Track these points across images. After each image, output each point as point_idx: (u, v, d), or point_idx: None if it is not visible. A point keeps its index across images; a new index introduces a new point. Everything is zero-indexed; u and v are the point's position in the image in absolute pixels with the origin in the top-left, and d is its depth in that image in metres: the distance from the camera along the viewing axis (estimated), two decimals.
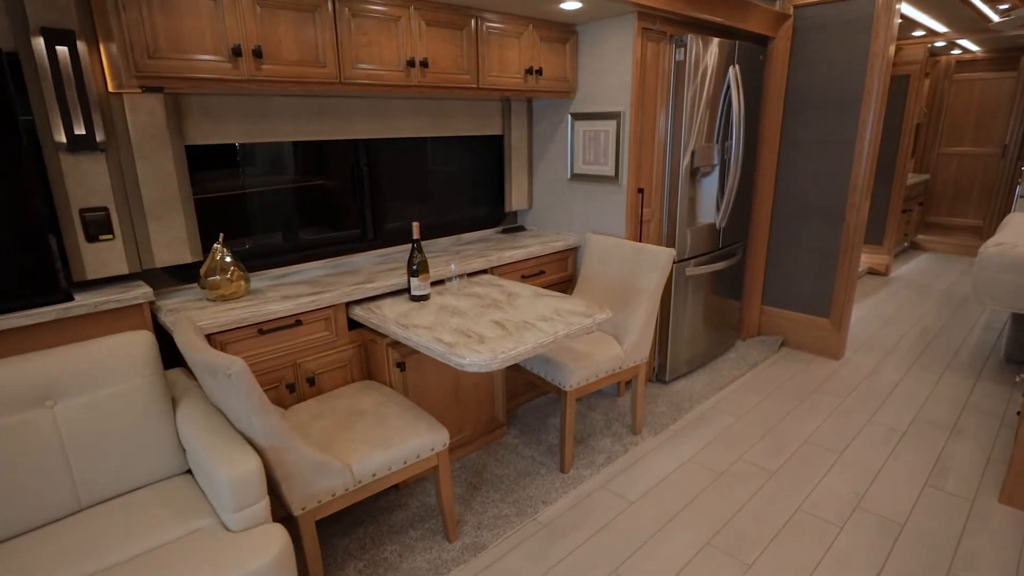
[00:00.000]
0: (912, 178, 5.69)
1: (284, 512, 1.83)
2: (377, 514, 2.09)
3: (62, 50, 1.61)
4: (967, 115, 5.82)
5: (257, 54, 1.75)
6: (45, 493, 1.40)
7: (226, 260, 1.95)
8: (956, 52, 5.67)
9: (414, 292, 2.13)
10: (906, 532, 1.99)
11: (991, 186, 5.83)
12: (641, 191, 2.74)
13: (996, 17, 4.16)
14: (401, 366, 2.08)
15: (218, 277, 1.92)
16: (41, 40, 1.56)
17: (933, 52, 5.61)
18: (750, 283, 3.65)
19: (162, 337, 1.81)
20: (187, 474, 1.62)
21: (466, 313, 1.99)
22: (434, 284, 2.32)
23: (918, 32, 4.68)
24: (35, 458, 1.39)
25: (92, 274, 1.79)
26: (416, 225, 2.09)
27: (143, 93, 1.79)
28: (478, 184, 3.05)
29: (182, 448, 1.60)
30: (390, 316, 1.98)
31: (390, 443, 1.71)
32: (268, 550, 1.29)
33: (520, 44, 2.49)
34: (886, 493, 2.19)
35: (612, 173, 2.71)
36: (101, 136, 1.72)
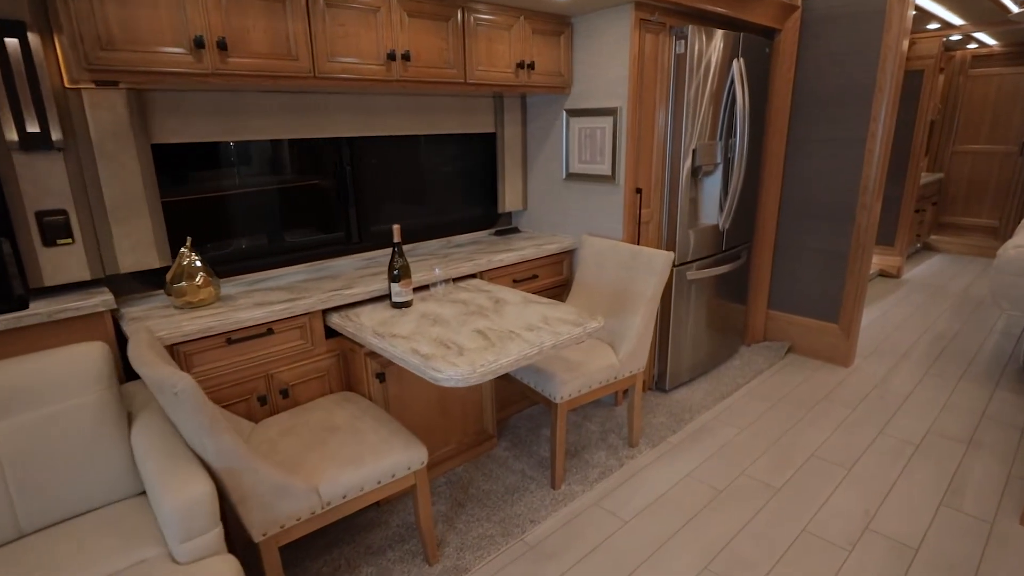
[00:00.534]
0: (925, 177, 5.51)
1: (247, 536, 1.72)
2: (355, 533, 1.98)
3: (12, 42, 1.51)
4: (983, 112, 5.63)
5: (222, 46, 1.64)
6: None
7: (195, 265, 1.84)
8: (972, 46, 5.48)
9: (395, 299, 2.01)
10: (920, 557, 1.85)
11: (1007, 185, 5.64)
12: (639, 191, 2.61)
13: (1015, 8, 3.98)
14: (381, 377, 1.96)
15: (185, 283, 1.81)
16: None
17: (948, 47, 5.43)
18: (755, 287, 3.50)
19: (125, 348, 1.71)
20: (143, 495, 1.51)
21: (448, 321, 1.87)
22: (419, 290, 2.21)
23: (933, 25, 4.51)
24: None
25: (50, 280, 1.69)
26: (396, 228, 1.98)
27: (102, 88, 1.68)
28: (470, 184, 2.93)
29: (137, 468, 1.50)
30: (367, 324, 1.87)
31: (362, 462, 1.59)
32: None
33: (511, 37, 2.36)
34: (898, 513, 2.05)
35: (609, 172, 2.58)
36: (58, 134, 1.62)
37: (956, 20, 4.38)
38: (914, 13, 3.00)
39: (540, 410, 2.81)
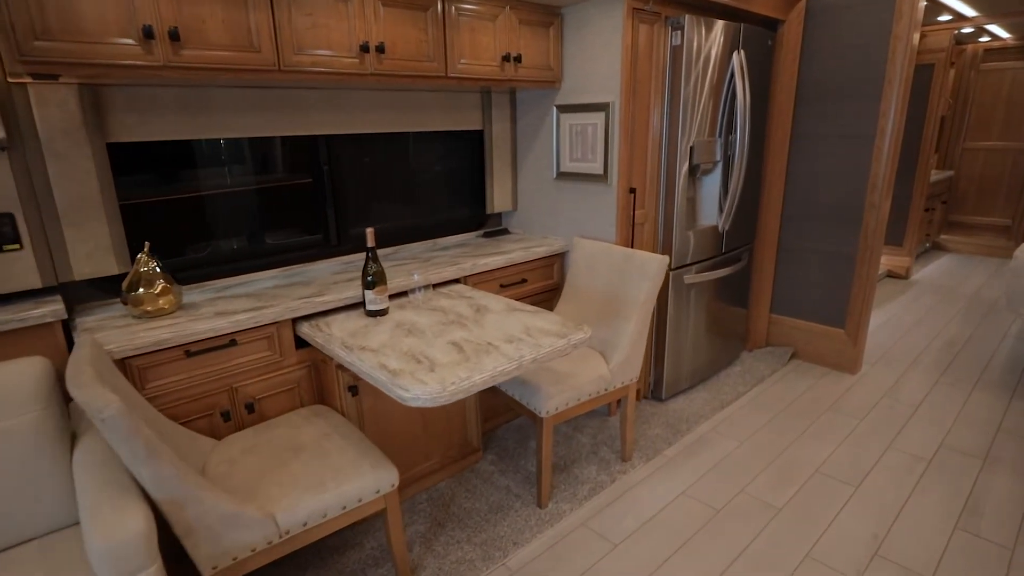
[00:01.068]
0: (935, 175, 5.33)
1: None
2: (326, 555, 1.86)
3: None
4: (995, 107, 5.45)
5: (174, 36, 1.51)
6: None
7: (154, 271, 1.73)
8: (985, 40, 5.30)
9: (369, 307, 1.89)
10: None
11: (1020, 183, 5.45)
12: (633, 191, 2.48)
13: None
14: (353, 390, 1.84)
15: (142, 291, 1.70)
16: None
17: (959, 40, 5.24)
18: (757, 290, 3.36)
19: None
20: None
21: (424, 332, 1.75)
22: (397, 296, 2.08)
23: (944, 16, 4.34)
24: None
25: None
26: (370, 231, 1.85)
27: (46, 83, 1.56)
28: (457, 184, 2.80)
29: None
30: (338, 335, 1.74)
31: (324, 487, 1.47)
32: None
33: (495, 28, 2.23)
34: (909, 537, 1.91)
35: (601, 171, 2.45)
36: (0, 132, 1.51)
37: (969, 11, 4.21)
38: (925, 4, 2.84)
39: (530, 420, 2.68)
